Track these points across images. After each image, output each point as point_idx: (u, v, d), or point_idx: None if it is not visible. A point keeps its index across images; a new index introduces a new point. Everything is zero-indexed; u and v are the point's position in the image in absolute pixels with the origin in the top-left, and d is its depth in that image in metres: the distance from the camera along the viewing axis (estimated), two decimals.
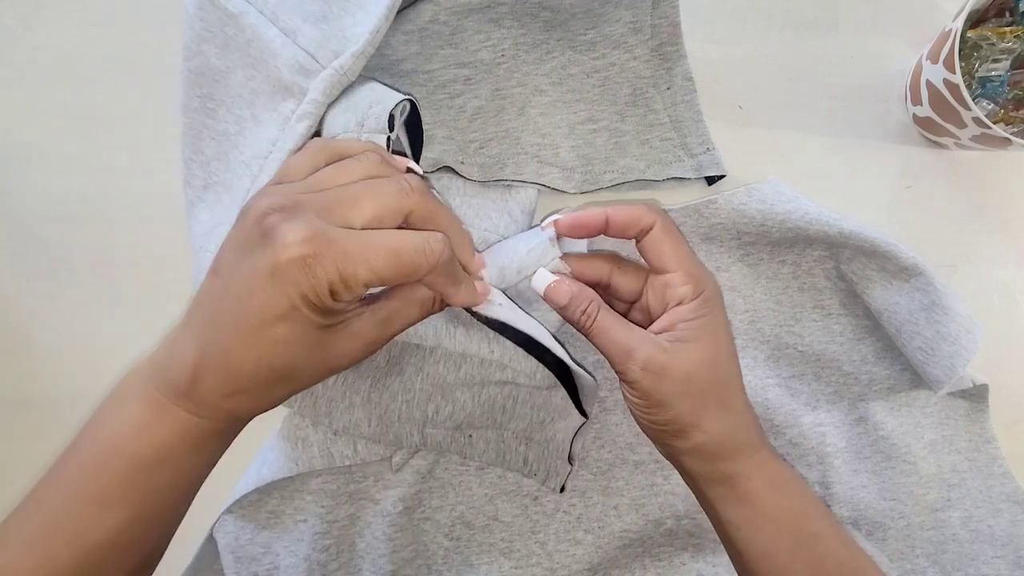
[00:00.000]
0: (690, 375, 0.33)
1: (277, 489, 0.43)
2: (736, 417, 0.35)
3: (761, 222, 0.42)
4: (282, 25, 0.35)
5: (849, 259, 0.43)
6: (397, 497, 0.43)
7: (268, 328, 0.26)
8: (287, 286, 0.25)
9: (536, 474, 0.43)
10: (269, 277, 0.25)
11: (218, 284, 0.28)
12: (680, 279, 0.34)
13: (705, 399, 0.34)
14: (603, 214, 0.35)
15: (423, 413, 0.42)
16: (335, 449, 0.42)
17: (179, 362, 0.28)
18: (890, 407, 0.45)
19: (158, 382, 0.28)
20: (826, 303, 0.45)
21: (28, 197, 0.46)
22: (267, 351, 0.27)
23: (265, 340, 0.26)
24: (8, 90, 0.46)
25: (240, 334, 0.26)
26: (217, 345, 0.27)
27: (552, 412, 0.42)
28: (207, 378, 0.27)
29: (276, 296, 0.26)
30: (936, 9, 0.48)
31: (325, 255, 0.25)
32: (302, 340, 0.27)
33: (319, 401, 0.41)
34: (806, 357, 0.44)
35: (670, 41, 0.46)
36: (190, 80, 0.38)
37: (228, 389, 0.27)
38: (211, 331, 0.27)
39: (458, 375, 0.41)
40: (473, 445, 0.43)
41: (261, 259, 0.26)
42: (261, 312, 0.26)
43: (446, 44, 0.44)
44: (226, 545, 0.41)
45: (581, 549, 0.44)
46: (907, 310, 0.41)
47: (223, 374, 0.27)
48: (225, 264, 0.28)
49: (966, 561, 0.44)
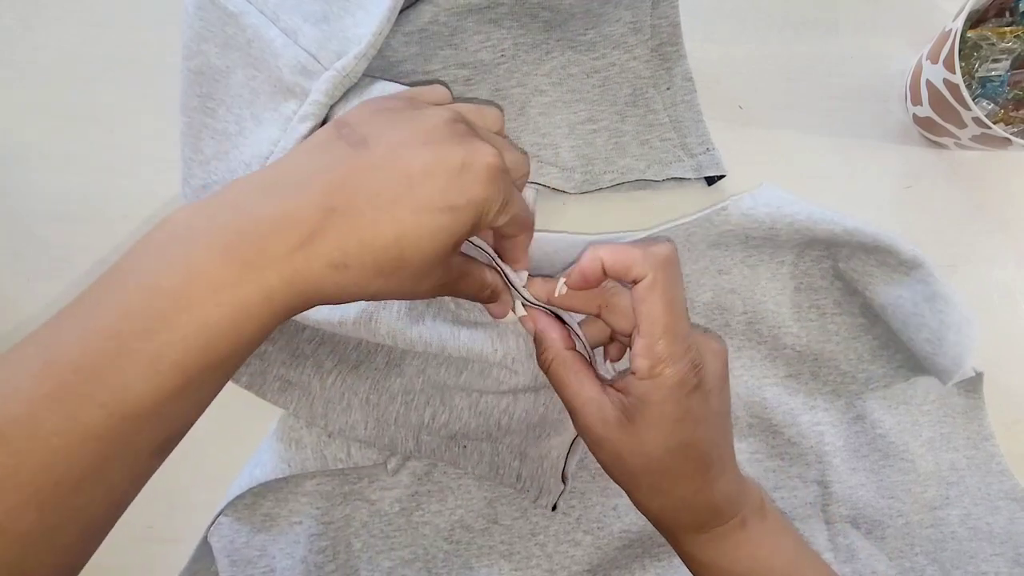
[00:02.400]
0: (620, 455, 0.32)
1: (271, 491, 0.43)
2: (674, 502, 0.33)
3: (770, 225, 0.42)
4: (283, 25, 0.35)
5: (847, 257, 0.43)
6: (394, 498, 0.43)
7: (432, 213, 0.26)
8: (473, 186, 0.27)
9: (528, 491, 0.43)
10: (459, 170, 0.27)
11: (364, 153, 0.27)
12: (642, 349, 0.31)
13: (636, 480, 0.33)
14: (598, 260, 0.32)
15: (420, 418, 0.41)
16: (328, 452, 0.41)
17: (283, 214, 0.25)
18: (887, 405, 0.45)
19: (239, 230, 0.24)
20: (821, 303, 0.45)
21: (28, 197, 0.46)
22: (412, 233, 0.26)
23: (420, 222, 0.26)
24: (8, 90, 0.46)
25: (394, 209, 0.26)
26: (354, 211, 0.25)
27: (548, 427, 0.42)
28: (328, 241, 0.25)
29: (456, 189, 0.26)
30: (936, 9, 0.48)
31: (506, 177, 0.28)
32: (440, 243, 0.27)
33: (316, 402, 0.41)
34: (804, 357, 0.44)
35: (670, 41, 0.46)
36: (190, 79, 0.38)
37: (343, 259, 0.25)
38: (347, 196, 0.26)
39: (458, 381, 0.41)
40: (467, 456, 0.42)
41: (451, 153, 0.27)
42: (433, 197, 0.26)
43: (446, 45, 0.44)
44: (222, 549, 0.41)
45: (580, 550, 0.44)
46: (911, 302, 0.41)
47: (353, 240, 0.25)
48: (376, 137, 0.27)
49: (965, 559, 0.44)
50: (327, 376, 0.41)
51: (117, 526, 0.26)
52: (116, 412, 0.22)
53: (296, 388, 0.41)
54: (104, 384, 0.22)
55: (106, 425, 0.22)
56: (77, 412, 0.22)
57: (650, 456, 0.32)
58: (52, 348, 0.23)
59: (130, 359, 0.23)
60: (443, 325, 0.38)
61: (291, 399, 0.41)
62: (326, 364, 0.41)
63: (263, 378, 0.40)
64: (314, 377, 0.41)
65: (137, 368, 0.23)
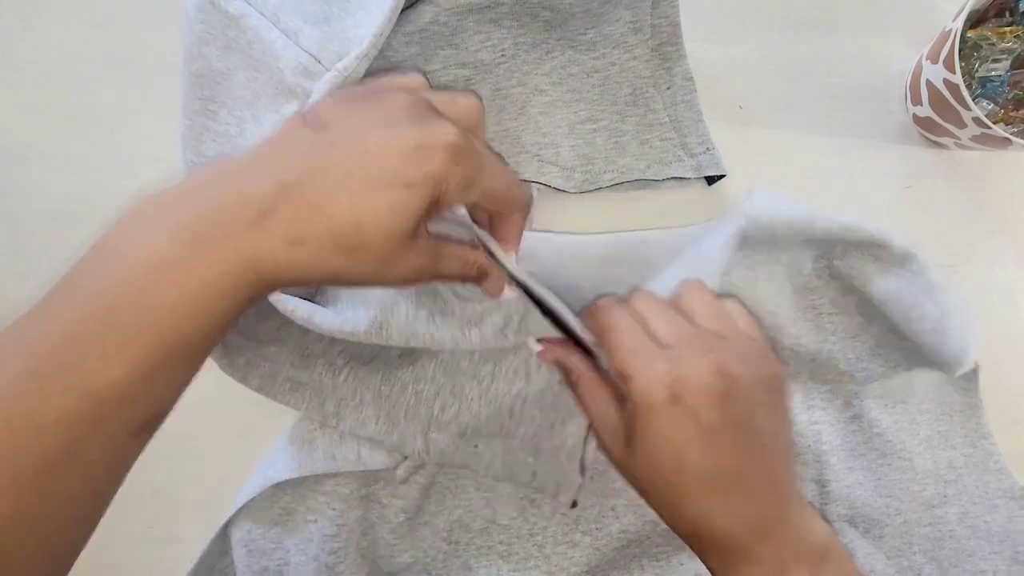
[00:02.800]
0: (631, 475, 0.33)
1: (290, 487, 0.43)
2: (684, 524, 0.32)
3: (768, 225, 0.42)
4: (284, 27, 0.35)
5: (842, 254, 0.43)
6: (400, 508, 0.43)
7: (386, 189, 0.26)
8: (429, 162, 0.26)
9: (545, 488, 0.42)
10: (414, 149, 0.26)
11: (324, 136, 0.27)
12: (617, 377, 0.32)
13: (648, 498, 0.33)
14: None
15: (429, 411, 0.41)
16: (338, 453, 0.41)
17: (238, 193, 0.25)
18: (885, 404, 0.45)
19: (198, 212, 0.25)
20: (818, 302, 0.45)
21: (28, 197, 0.46)
22: (368, 207, 0.26)
23: (375, 199, 0.26)
24: (8, 90, 0.46)
25: (348, 183, 0.26)
26: (310, 186, 0.26)
27: (562, 412, 0.42)
28: (281, 215, 0.25)
29: (412, 165, 0.26)
30: (936, 9, 0.48)
31: (468, 155, 0.28)
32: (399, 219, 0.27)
33: (328, 400, 0.41)
34: (802, 357, 0.44)
35: (670, 41, 0.46)
36: (191, 83, 0.38)
37: (298, 233, 0.25)
38: (300, 172, 0.26)
39: (472, 361, 0.41)
40: (480, 457, 0.42)
41: (408, 132, 0.27)
42: (387, 172, 0.26)
43: (446, 45, 0.44)
44: (239, 539, 0.42)
45: (579, 551, 0.44)
46: (911, 294, 0.41)
47: (306, 213, 0.25)
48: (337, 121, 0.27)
49: (963, 557, 0.44)
50: (339, 373, 0.41)
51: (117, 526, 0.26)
52: (87, 394, 0.23)
53: (307, 388, 0.41)
54: (74, 368, 0.23)
55: (78, 408, 0.23)
56: (48, 396, 0.23)
57: (650, 472, 0.32)
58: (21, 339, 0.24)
59: (98, 342, 0.23)
60: (455, 327, 0.38)
61: (302, 399, 0.41)
62: (338, 361, 0.41)
63: (273, 380, 0.40)
64: (326, 375, 0.41)
65: (106, 351, 0.23)
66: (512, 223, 0.34)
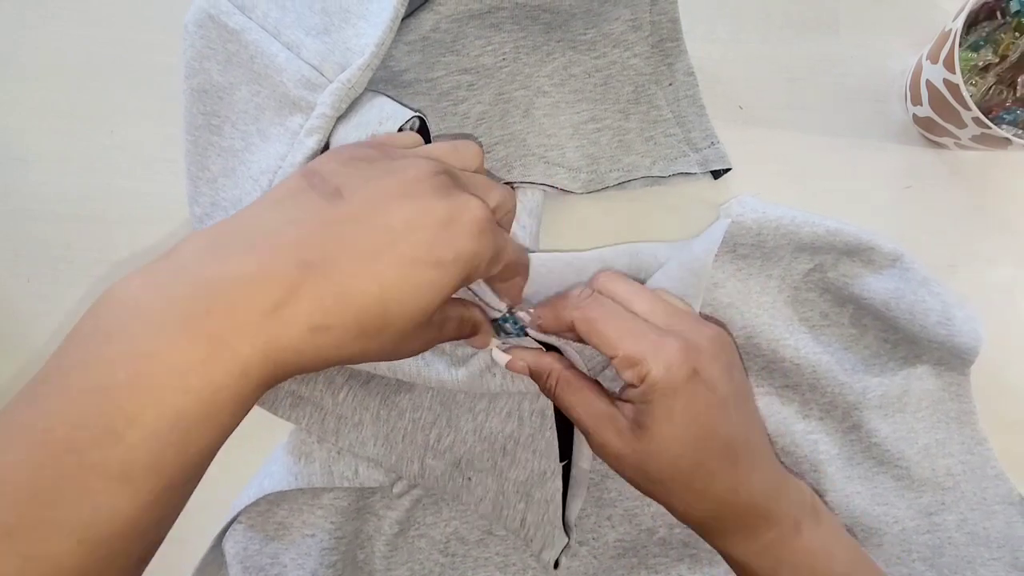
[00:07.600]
0: (643, 465, 0.31)
1: (286, 500, 0.42)
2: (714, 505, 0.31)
3: (757, 231, 0.42)
4: (285, 40, 0.35)
5: (834, 264, 0.43)
6: (395, 519, 0.43)
7: (417, 267, 0.24)
8: (459, 239, 0.25)
9: (532, 540, 0.42)
10: (444, 223, 0.25)
11: (340, 207, 0.25)
12: (618, 363, 0.31)
13: (667, 487, 0.32)
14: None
15: (425, 438, 0.41)
16: (336, 468, 0.41)
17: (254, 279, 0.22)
18: (884, 414, 0.45)
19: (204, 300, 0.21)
20: (809, 315, 0.45)
21: (28, 197, 0.46)
22: (396, 288, 0.24)
23: (404, 277, 0.24)
24: (8, 90, 0.46)
25: (375, 264, 0.24)
26: (333, 266, 0.23)
27: (553, 462, 0.41)
28: (303, 300, 0.22)
29: (442, 243, 0.25)
30: (936, 9, 0.48)
31: (494, 229, 0.27)
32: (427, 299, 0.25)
33: (328, 418, 0.41)
34: (801, 369, 0.44)
35: (670, 37, 0.46)
36: (193, 98, 0.38)
37: (324, 320, 0.23)
38: (322, 251, 0.23)
39: (467, 395, 0.40)
40: (471, 490, 0.42)
41: (434, 206, 0.25)
42: (418, 249, 0.24)
43: (448, 51, 0.44)
44: (235, 555, 0.41)
45: (576, 561, 0.44)
46: (910, 291, 0.42)
47: (331, 297, 0.23)
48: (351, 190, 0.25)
49: (962, 564, 0.44)
50: (339, 392, 0.40)
51: None
52: (88, 538, 0.19)
53: (308, 403, 0.41)
54: (69, 509, 0.19)
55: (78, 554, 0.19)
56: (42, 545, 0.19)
57: (673, 457, 0.30)
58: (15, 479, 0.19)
59: (95, 474, 0.19)
60: (441, 366, 0.38)
61: (303, 414, 0.40)
62: (337, 379, 0.41)
63: (275, 394, 0.40)
64: (326, 393, 0.40)
65: (105, 483, 0.19)
66: (516, 286, 0.34)
